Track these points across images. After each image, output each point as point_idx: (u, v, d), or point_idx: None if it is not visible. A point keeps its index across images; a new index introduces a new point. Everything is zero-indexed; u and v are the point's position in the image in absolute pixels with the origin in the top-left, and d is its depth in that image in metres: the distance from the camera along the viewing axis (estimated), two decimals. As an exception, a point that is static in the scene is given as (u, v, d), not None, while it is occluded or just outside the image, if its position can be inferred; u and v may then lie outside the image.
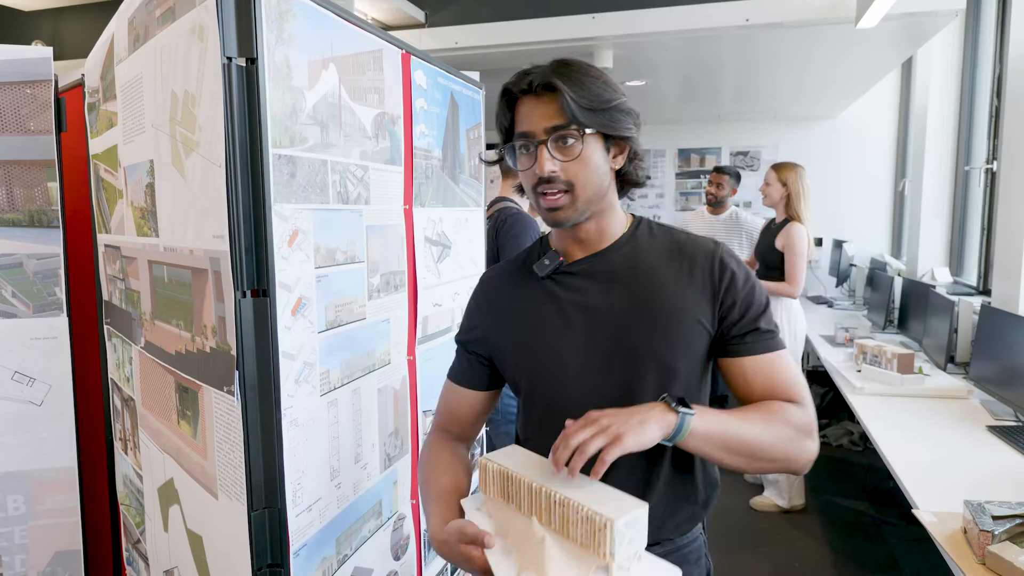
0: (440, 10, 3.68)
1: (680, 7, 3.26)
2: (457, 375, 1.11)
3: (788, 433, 0.91)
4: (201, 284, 1.05)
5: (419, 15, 3.66)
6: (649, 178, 1.05)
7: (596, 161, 0.93)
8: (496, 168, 4.15)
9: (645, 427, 0.80)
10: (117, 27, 1.27)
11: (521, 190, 1.00)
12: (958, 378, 2.70)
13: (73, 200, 1.62)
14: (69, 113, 1.58)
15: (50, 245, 1.56)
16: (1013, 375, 2.22)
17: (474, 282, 1.13)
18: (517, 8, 3.50)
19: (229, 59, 0.93)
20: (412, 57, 1.38)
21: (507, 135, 0.97)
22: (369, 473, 1.28)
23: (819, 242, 5.41)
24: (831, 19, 3.09)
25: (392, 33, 1.33)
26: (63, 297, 1.57)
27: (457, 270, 1.66)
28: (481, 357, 1.08)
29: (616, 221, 1.01)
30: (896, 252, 5.46)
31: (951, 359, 2.86)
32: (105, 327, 1.58)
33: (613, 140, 0.95)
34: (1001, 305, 2.57)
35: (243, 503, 1.00)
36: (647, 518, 0.79)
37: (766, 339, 0.95)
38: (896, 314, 3.77)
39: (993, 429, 2.10)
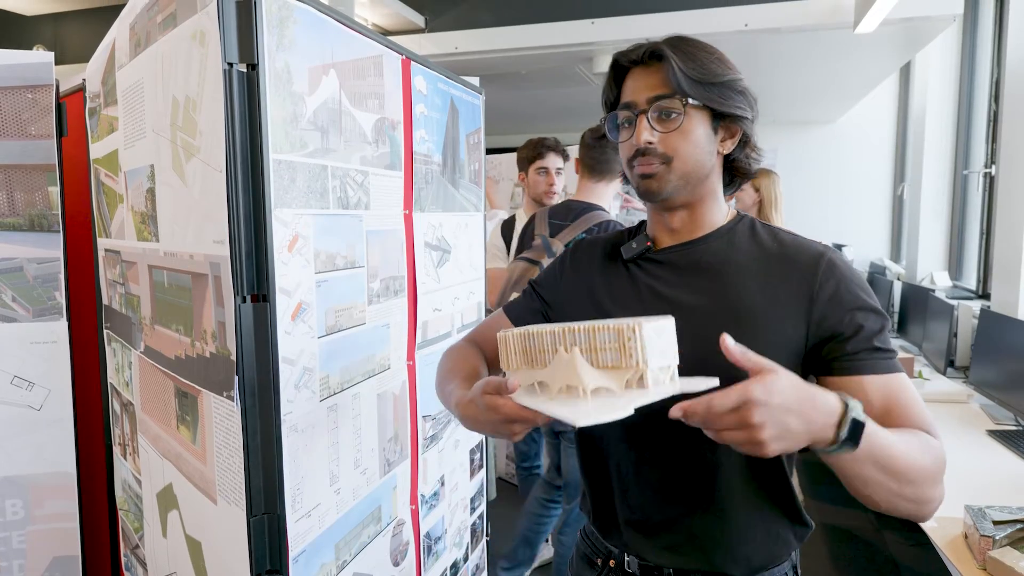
0: (440, 15, 3.69)
1: (679, 12, 3.27)
2: (512, 309, 1.09)
3: (932, 466, 0.77)
4: (201, 289, 1.05)
5: (419, 20, 3.68)
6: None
7: (698, 136, 0.87)
8: (500, 169, 4.15)
9: (795, 440, 0.66)
10: (118, 32, 1.27)
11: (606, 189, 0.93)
12: (958, 382, 2.70)
13: (73, 204, 1.62)
14: (70, 118, 1.58)
15: (50, 249, 1.56)
16: (1013, 379, 2.22)
17: (474, 286, 1.12)
18: (517, 13, 3.51)
19: (230, 65, 0.93)
20: (412, 62, 1.38)
21: (611, 109, 0.93)
22: (368, 478, 1.27)
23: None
24: (829, 24, 3.10)
25: (392, 38, 1.34)
26: (63, 301, 1.57)
27: (457, 275, 1.66)
28: (541, 310, 1.06)
29: (715, 212, 0.93)
30: (895, 256, 5.47)
31: (951, 363, 2.87)
32: (105, 331, 1.58)
33: (723, 122, 0.89)
34: (1000, 309, 2.57)
35: (242, 508, 1.00)
36: (675, 330, 0.74)
37: (884, 359, 0.82)
38: (895, 318, 3.77)
39: (993, 433, 2.10)
